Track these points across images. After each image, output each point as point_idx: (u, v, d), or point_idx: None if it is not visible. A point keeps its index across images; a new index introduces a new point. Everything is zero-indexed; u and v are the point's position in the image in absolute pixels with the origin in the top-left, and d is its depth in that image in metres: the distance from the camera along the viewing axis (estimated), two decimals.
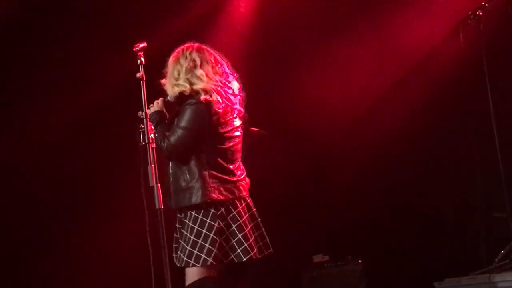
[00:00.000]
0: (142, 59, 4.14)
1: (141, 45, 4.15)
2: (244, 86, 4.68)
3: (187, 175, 4.21)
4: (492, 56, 5.85)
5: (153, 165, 4.08)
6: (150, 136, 4.12)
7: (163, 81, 4.43)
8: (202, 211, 4.15)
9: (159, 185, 4.05)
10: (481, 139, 6.14)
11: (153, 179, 4.06)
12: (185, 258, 4.15)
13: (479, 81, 5.83)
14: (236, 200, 4.23)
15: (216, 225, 4.12)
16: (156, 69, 4.52)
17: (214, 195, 4.14)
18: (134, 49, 4.15)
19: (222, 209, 4.16)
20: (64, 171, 6.54)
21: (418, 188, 6.87)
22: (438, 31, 6.59)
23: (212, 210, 4.14)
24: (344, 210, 6.98)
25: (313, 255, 6.66)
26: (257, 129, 5.16)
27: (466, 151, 6.53)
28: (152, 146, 4.13)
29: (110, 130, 6.23)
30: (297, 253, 6.82)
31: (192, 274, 4.17)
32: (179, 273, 4.23)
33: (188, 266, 4.16)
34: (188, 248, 4.14)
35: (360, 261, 6.39)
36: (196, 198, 4.14)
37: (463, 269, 5.69)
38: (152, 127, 4.20)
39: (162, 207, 4.03)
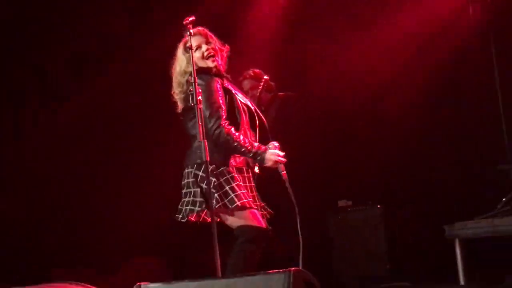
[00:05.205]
0: (191, 30, 4.16)
1: (190, 19, 4.16)
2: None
3: None
4: (499, 30, 5.85)
5: (200, 123, 4.03)
6: (198, 98, 4.06)
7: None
8: None
9: (205, 140, 4.03)
10: (486, 102, 6.13)
11: (200, 136, 4.03)
12: None
13: (486, 51, 5.85)
14: None
15: None
16: None
17: None
18: (184, 22, 4.16)
19: None
20: (116, 129, 6.95)
21: (433, 144, 6.88)
22: (450, 5, 6.49)
23: None
24: (366, 162, 7.04)
25: (338, 200, 6.84)
26: (284, 93, 5.16)
27: (477, 116, 6.55)
28: (200, 107, 4.07)
29: (161, 91, 6.31)
30: (324, 199, 6.90)
31: None
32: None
33: None
34: None
35: (379, 206, 6.51)
36: None
37: (470, 215, 5.65)
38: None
39: (208, 159, 4.03)
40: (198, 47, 4.36)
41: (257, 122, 4.42)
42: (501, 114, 5.77)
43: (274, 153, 4.20)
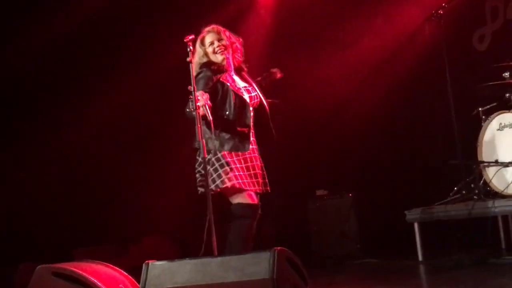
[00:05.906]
0: (191, 47, 4.30)
1: (190, 37, 4.31)
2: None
3: None
4: (450, 45, 6.02)
5: (199, 125, 4.12)
6: (197, 104, 4.11)
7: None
8: None
9: (203, 140, 4.16)
10: (442, 111, 6.28)
11: (199, 136, 4.14)
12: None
13: (440, 64, 5.97)
14: None
15: None
16: None
17: None
18: (185, 40, 4.29)
19: None
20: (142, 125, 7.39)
21: (397, 143, 7.11)
22: (409, 24, 6.73)
23: None
24: (340, 158, 7.29)
25: (316, 190, 7.12)
26: (270, 100, 5.38)
27: (433, 118, 6.80)
28: (198, 111, 4.11)
29: (168, 100, 6.66)
30: (305, 189, 7.23)
31: None
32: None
33: None
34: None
35: (350, 194, 6.83)
36: None
37: (427, 202, 5.93)
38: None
39: (206, 156, 4.19)
40: (211, 43, 4.60)
41: (251, 112, 4.54)
42: (453, 118, 5.93)
43: (200, 103, 4.14)
